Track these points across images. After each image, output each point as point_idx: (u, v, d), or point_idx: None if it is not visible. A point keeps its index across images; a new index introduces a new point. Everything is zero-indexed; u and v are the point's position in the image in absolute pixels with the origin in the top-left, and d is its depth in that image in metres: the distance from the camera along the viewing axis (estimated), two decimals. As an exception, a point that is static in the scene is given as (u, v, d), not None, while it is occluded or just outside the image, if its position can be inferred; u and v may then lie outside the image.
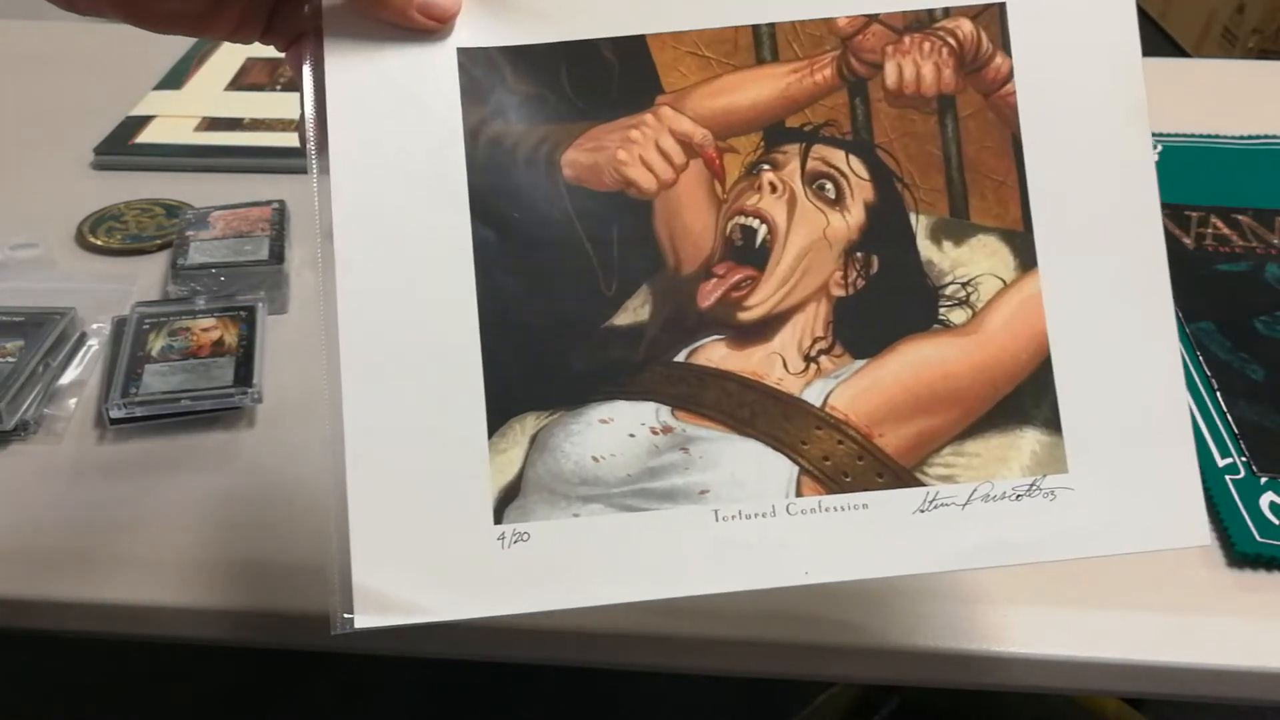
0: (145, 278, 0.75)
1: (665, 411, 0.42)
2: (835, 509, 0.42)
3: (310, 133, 0.42)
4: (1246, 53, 2.21)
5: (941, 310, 0.43)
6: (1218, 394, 0.63)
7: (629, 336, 0.43)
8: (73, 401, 0.64)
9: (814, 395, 0.42)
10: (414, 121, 0.42)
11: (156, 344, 0.66)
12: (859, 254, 0.43)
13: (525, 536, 0.41)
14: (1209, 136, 0.88)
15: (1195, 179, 0.79)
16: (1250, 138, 0.89)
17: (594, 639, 0.53)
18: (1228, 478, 0.58)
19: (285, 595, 0.53)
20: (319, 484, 0.59)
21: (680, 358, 0.43)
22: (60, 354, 0.66)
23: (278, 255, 0.74)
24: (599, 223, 0.43)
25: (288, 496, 0.58)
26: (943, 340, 0.43)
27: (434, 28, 0.42)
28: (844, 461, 0.42)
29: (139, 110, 0.94)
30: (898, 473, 0.42)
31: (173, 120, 0.93)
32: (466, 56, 0.42)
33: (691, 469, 0.42)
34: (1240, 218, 0.78)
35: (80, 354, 0.67)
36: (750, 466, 0.42)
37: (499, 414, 0.42)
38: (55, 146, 0.90)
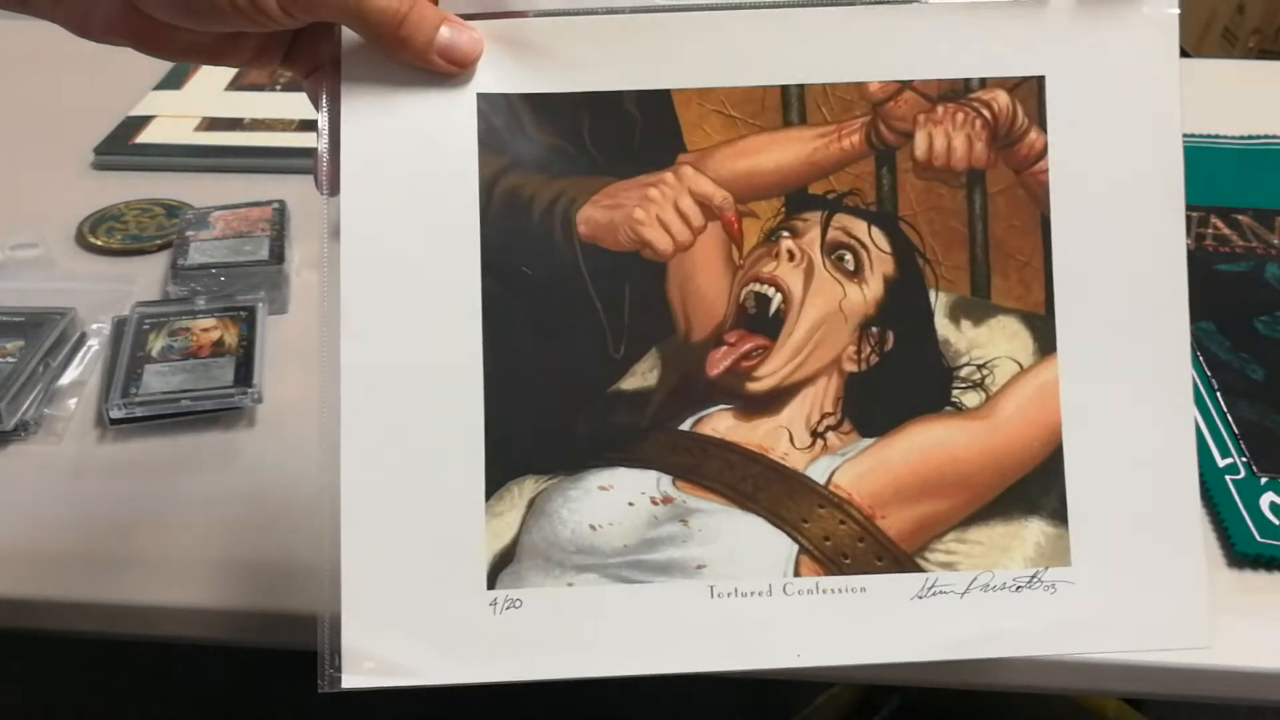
0: (145, 278, 0.75)
1: (666, 481, 0.42)
2: (833, 590, 0.41)
3: (323, 172, 0.41)
4: (1246, 53, 2.21)
5: (955, 392, 0.42)
6: (1218, 394, 0.63)
7: (635, 402, 0.42)
8: (73, 401, 0.64)
9: (818, 472, 0.42)
10: (429, 166, 0.41)
11: (156, 344, 0.66)
12: (874, 329, 0.42)
13: (518, 604, 0.40)
14: (1209, 136, 0.88)
15: (1195, 179, 0.79)
16: (1250, 138, 0.89)
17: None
18: (1228, 478, 0.58)
19: (285, 595, 0.53)
20: (319, 484, 0.59)
21: (685, 426, 0.42)
22: (60, 354, 0.66)
23: (278, 255, 0.74)
24: (611, 283, 0.42)
25: (288, 496, 0.58)
26: (954, 423, 0.42)
27: (454, 71, 0.41)
28: (844, 542, 0.41)
29: (139, 110, 0.94)
30: (898, 557, 0.41)
31: (173, 120, 0.93)
32: (486, 102, 0.41)
33: (690, 542, 0.41)
34: (1240, 218, 0.78)
35: (80, 354, 0.67)
36: (750, 543, 0.41)
37: (497, 476, 0.41)
38: (55, 146, 0.90)
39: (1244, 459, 0.59)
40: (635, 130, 0.42)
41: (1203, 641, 0.42)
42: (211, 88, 0.98)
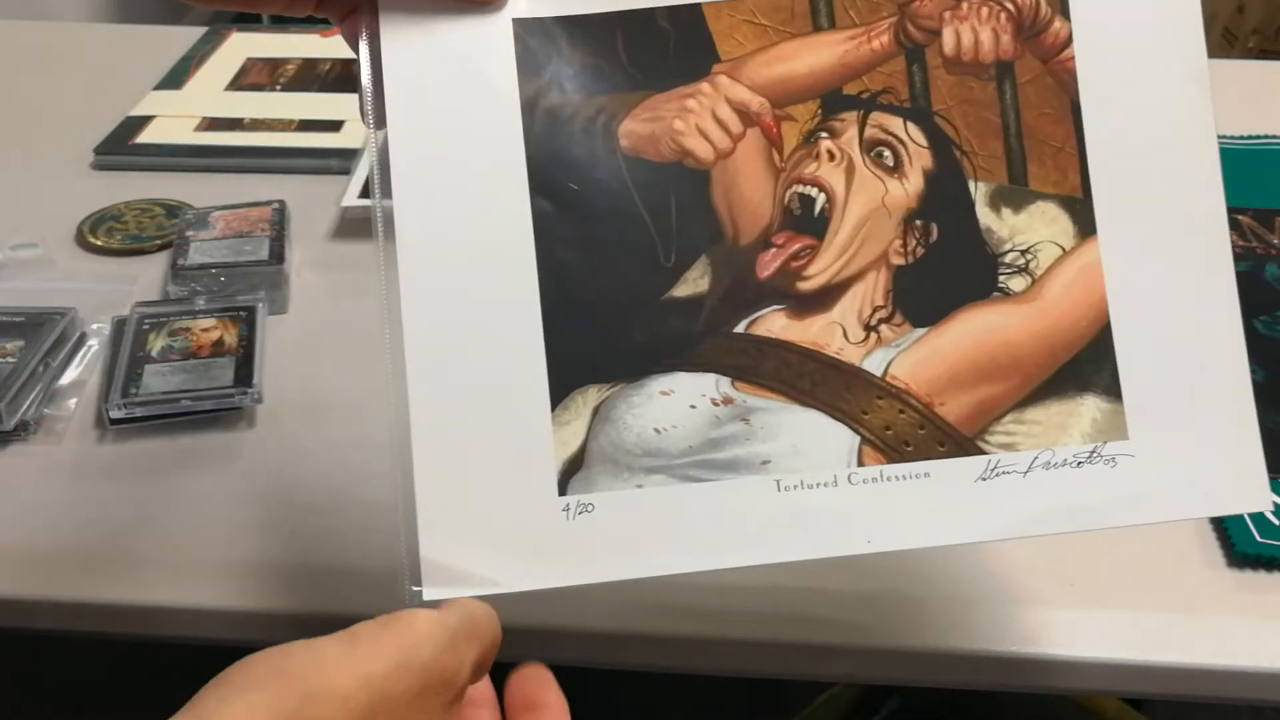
0: (145, 278, 0.75)
1: (725, 383, 0.42)
2: (897, 478, 0.42)
3: (368, 107, 0.42)
4: (1246, 53, 2.21)
5: (1001, 278, 0.43)
6: (1218, 394, 0.63)
7: (688, 308, 0.43)
8: (73, 401, 0.64)
9: (874, 365, 0.42)
10: (471, 93, 0.42)
11: (156, 344, 0.66)
12: (918, 222, 0.43)
13: (590, 507, 0.41)
14: (1209, 136, 0.88)
15: (1195, 179, 0.79)
16: (1250, 138, 0.89)
17: (594, 639, 0.53)
18: (1228, 478, 0.58)
19: (286, 595, 0.53)
20: (320, 484, 0.59)
21: (740, 328, 0.43)
22: (60, 354, 0.66)
23: (278, 255, 0.74)
24: (657, 193, 0.43)
25: (288, 496, 0.58)
26: (1003, 308, 0.43)
27: (490, 1, 0.42)
28: (905, 430, 0.42)
29: (139, 110, 0.94)
30: (959, 441, 0.42)
31: (173, 120, 0.93)
32: (522, 27, 0.42)
33: (753, 439, 0.42)
34: (1240, 218, 0.78)
35: (80, 354, 0.67)
36: (811, 437, 0.42)
37: (561, 387, 0.42)
38: (55, 146, 0.90)
39: (1244, 459, 0.59)
40: (669, 44, 0.43)
41: (1262, 505, 0.42)
42: (211, 88, 0.98)
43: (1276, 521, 0.55)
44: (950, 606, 0.52)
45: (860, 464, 0.42)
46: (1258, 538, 0.55)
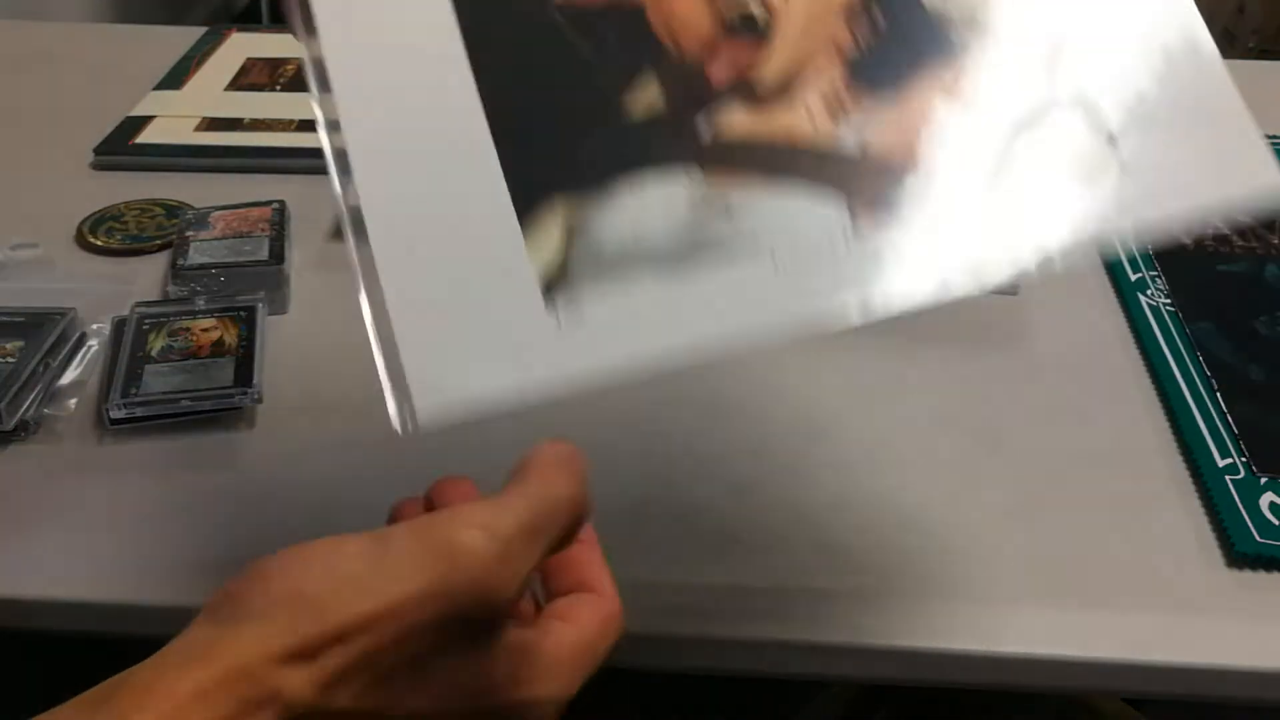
0: (145, 278, 0.75)
1: (698, 177, 0.42)
2: (898, 225, 0.41)
3: (295, 12, 0.42)
4: (1246, 53, 2.21)
5: (953, 36, 0.44)
6: (1218, 394, 0.63)
7: (646, 115, 0.43)
8: (73, 401, 0.64)
9: (848, 139, 0.43)
10: None
11: (156, 344, 0.66)
12: (860, 10, 0.44)
13: (579, 314, 0.40)
14: (1209, 136, 0.88)
15: (1195, 179, 0.79)
16: (1250, 138, 0.88)
17: (594, 639, 0.52)
18: (1228, 478, 0.58)
19: (285, 595, 0.53)
20: (320, 484, 0.59)
21: (703, 127, 0.43)
22: (60, 354, 0.66)
23: (278, 255, 0.74)
24: (597, 38, 0.44)
25: (288, 496, 0.58)
26: (961, 60, 0.44)
27: None
28: (894, 189, 0.42)
29: (139, 110, 0.94)
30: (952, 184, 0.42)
31: (173, 120, 0.93)
32: None
33: (739, 225, 0.41)
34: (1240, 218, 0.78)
35: (80, 354, 0.67)
36: (799, 212, 0.42)
37: (527, 204, 0.41)
38: (55, 146, 0.90)
39: (1244, 459, 0.59)
40: None
41: (1273, 180, 0.43)
42: (211, 88, 0.98)
43: (1276, 521, 0.55)
44: (948, 607, 0.52)
45: (855, 221, 0.41)
46: (1258, 538, 0.55)
